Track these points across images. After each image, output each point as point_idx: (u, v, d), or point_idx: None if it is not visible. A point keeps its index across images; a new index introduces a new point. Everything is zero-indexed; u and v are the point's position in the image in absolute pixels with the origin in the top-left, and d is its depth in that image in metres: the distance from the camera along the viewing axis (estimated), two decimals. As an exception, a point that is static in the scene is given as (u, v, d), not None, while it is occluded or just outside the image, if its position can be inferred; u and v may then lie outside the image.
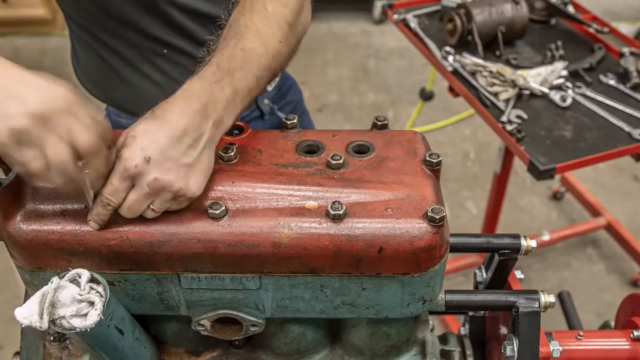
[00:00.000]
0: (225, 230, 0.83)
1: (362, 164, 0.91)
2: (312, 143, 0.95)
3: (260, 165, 0.91)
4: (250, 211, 0.84)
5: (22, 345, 1.06)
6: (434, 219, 0.82)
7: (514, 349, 0.96)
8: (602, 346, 1.09)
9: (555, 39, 2.23)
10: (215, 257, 0.84)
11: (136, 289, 0.88)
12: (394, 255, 0.83)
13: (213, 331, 0.94)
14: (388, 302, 0.89)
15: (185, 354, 1.04)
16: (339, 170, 0.90)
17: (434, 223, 0.82)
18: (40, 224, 0.84)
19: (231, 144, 0.94)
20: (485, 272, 1.13)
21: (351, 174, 0.89)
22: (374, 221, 0.83)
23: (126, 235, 0.83)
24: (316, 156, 0.93)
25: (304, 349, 1.01)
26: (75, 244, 0.84)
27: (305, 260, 0.83)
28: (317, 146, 0.95)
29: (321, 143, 0.95)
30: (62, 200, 0.85)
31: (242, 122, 0.99)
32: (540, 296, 0.96)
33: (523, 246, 1.03)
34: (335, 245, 0.82)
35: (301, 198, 0.85)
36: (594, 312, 2.65)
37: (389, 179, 0.88)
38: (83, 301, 0.77)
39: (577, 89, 2.00)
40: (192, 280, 0.86)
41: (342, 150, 0.94)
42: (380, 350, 1.01)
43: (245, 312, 0.91)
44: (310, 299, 0.88)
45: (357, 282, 0.86)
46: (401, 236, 0.82)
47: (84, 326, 0.75)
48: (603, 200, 3.09)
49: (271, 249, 0.82)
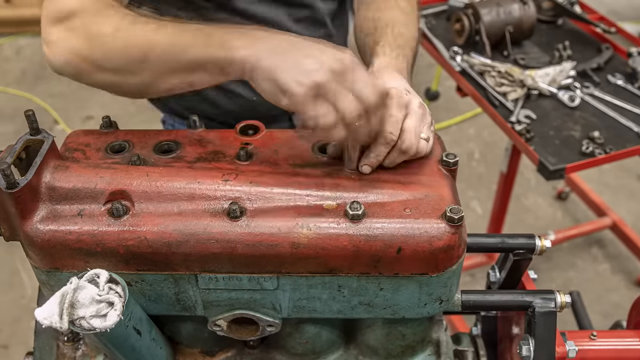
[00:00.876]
0: (243, 230, 0.82)
1: None
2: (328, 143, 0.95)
3: (277, 166, 0.90)
4: (269, 211, 0.84)
5: (36, 345, 1.05)
6: (452, 219, 0.82)
7: (530, 349, 0.96)
8: (616, 346, 1.09)
9: (563, 39, 2.22)
10: (234, 258, 0.83)
11: (153, 289, 0.88)
12: (413, 256, 0.83)
13: (229, 331, 0.93)
14: (405, 302, 0.89)
15: (199, 354, 1.04)
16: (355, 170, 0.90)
17: (452, 223, 0.82)
18: (58, 224, 0.84)
19: (247, 144, 0.94)
20: (499, 272, 1.12)
21: (368, 174, 0.89)
22: (393, 221, 0.82)
23: (144, 236, 0.83)
24: None
25: (319, 349, 1.01)
26: (93, 244, 0.83)
27: (324, 261, 0.83)
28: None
29: None
30: (80, 201, 0.85)
31: (257, 122, 0.99)
32: (556, 296, 0.96)
33: (538, 246, 1.03)
34: (354, 246, 0.82)
35: (319, 198, 0.85)
36: (599, 312, 2.65)
37: (406, 179, 0.88)
38: (102, 301, 0.76)
39: (585, 89, 2.00)
40: (209, 280, 0.86)
41: None
42: (395, 351, 1.01)
43: (262, 312, 0.90)
44: (327, 299, 0.88)
45: (375, 282, 0.86)
46: (420, 236, 0.82)
47: (104, 327, 0.75)
48: (608, 200, 3.09)
49: (290, 249, 0.82)
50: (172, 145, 0.96)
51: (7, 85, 4.24)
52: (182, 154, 0.94)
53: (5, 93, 4.17)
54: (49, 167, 0.86)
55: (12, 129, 3.85)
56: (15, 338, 2.68)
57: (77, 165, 0.88)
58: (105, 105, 4.04)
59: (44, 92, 4.14)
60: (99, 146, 0.96)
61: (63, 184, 0.85)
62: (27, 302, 2.82)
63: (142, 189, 0.85)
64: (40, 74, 4.35)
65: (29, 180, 0.82)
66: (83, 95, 4.16)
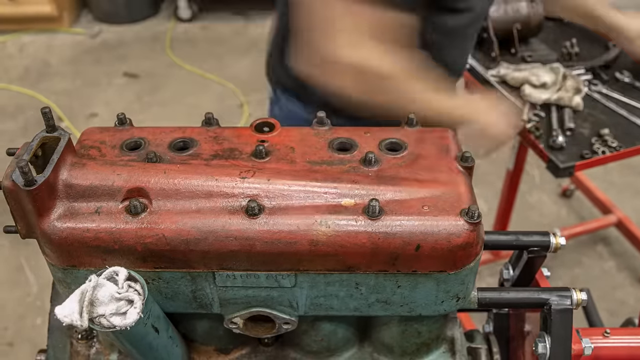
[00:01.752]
0: (262, 227, 0.82)
1: (396, 161, 0.91)
2: (344, 140, 0.95)
3: (294, 163, 0.90)
4: (287, 209, 0.84)
5: (49, 343, 1.05)
6: (471, 216, 0.82)
7: (546, 346, 0.96)
8: (630, 343, 1.09)
9: (570, 36, 2.22)
10: (252, 255, 0.83)
11: (170, 287, 0.88)
12: (431, 253, 0.82)
13: (245, 329, 0.93)
14: (422, 299, 0.89)
15: (214, 352, 1.03)
16: (373, 168, 0.90)
17: (471, 220, 0.82)
18: (75, 222, 0.84)
19: (263, 142, 0.94)
20: (512, 270, 1.12)
21: (386, 171, 0.89)
22: (411, 218, 0.82)
23: (162, 233, 0.83)
24: (349, 154, 0.92)
25: (334, 347, 1.01)
26: (111, 241, 0.83)
27: (342, 258, 0.83)
28: (350, 144, 0.94)
29: (353, 140, 0.95)
30: (97, 198, 0.85)
31: (272, 120, 0.98)
32: (573, 294, 0.96)
33: (552, 244, 1.04)
34: (372, 243, 0.82)
35: (337, 195, 0.85)
36: (606, 309, 2.65)
37: (424, 176, 0.88)
38: (122, 299, 0.76)
39: (593, 86, 2.00)
40: (227, 278, 0.86)
41: (374, 148, 0.93)
42: (410, 348, 1.01)
43: (279, 309, 0.90)
44: (344, 297, 0.88)
45: (393, 279, 0.86)
46: (439, 234, 0.82)
47: (124, 324, 0.75)
48: (613, 197, 3.08)
49: (308, 246, 0.82)
50: (188, 143, 0.95)
51: (10, 82, 4.24)
52: (198, 152, 0.94)
53: (9, 90, 4.17)
54: (66, 165, 0.85)
55: (16, 126, 3.84)
56: (20, 336, 2.68)
57: (94, 163, 0.87)
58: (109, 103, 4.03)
59: (47, 90, 4.14)
60: (114, 143, 0.95)
61: (80, 181, 0.85)
62: (32, 300, 2.82)
63: (160, 187, 0.85)
64: (44, 71, 4.34)
65: (46, 178, 0.81)
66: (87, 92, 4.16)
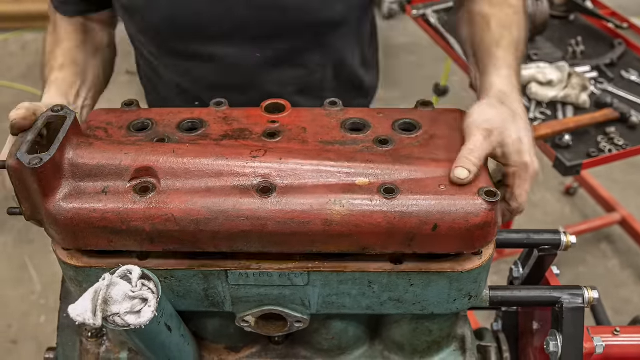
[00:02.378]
0: (274, 207, 0.80)
1: (410, 141, 0.90)
2: (357, 121, 0.94)
3: (306, 143, 0.89)
4: (300, 188, 0.81)
5: (59, 341, 1.05)
6: (490, 194, 0.80)
7: (557, 344, 0.95)
8: None
9: (575, 34, 2.22)
10: (264, 236, 0.81)
11: (182, 285, 0.88)
12: (449, 233, 0.80)
13: (257, 327, 0.93)
14: (435, 298, 0.88)
15: (224, 350, 1.03)
16: (387, 147, 0.88)
17: (489, 199, 0.80)
18: (82, 202, 0.81)
19: (274, 122, 0.93)
20: (522, 268, 1.12)
21: (400, 151, 0.88)
22: (428, 198, 0.80)
23: (171, 213, 0.80)
24: (362, 134, 0.91)
25: (345, 345, 1.00)
26: (118, 222, 0.80)
27: (357, 239, 0.81)
28: (363, 124, 0.93)
29: (366, 121, 0.94)
30: (104, 178, 0.82)
31: (283, 101, 0.97)
32: (584, 292, 0.96)
33: (563, 242, 1.04)
34: (388, 222, 0.79)
35: (351, 175, 0.83)
36: (610, 307, 2.64)
37: (439, 156, 0.87)
38: (136, 298, 0.76)
39: (599, 84, 2.00)
40: (239, 276, 0.86)
41: (388, 128, 0.92)
42: (421, 346, 1.00)
43: (291, 308, 0.90)
44: (357, 295, 0.88)
45: (406, 278, 0.86)
46: (456, 213, 0.79)
47: (139, 323, 0.75)
48: (616, 196, 3.08)
49: (322, 226, 0.80)
50: (197, 123, 0.94)
51: (12, 80, 4.23)
52: (207, 132, 0.92)
53: (11, 88, 4.16)
54: (72, 144, 0.83)
55: (19, 124, 3.83)
56: (24, 333, 2.68)
57: (100, 142, 0.85)
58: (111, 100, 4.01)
59: (49, 88, 4.13)
60: (121, 124, 0.94)
61: (87, 160, 0.83)
62: (36, 298, 2.82)
63: (169, 166, 0.83)
64: (46, 69, 4.34)
65: (52, 156, 0.79)
66: (89, 90, 4.14)
